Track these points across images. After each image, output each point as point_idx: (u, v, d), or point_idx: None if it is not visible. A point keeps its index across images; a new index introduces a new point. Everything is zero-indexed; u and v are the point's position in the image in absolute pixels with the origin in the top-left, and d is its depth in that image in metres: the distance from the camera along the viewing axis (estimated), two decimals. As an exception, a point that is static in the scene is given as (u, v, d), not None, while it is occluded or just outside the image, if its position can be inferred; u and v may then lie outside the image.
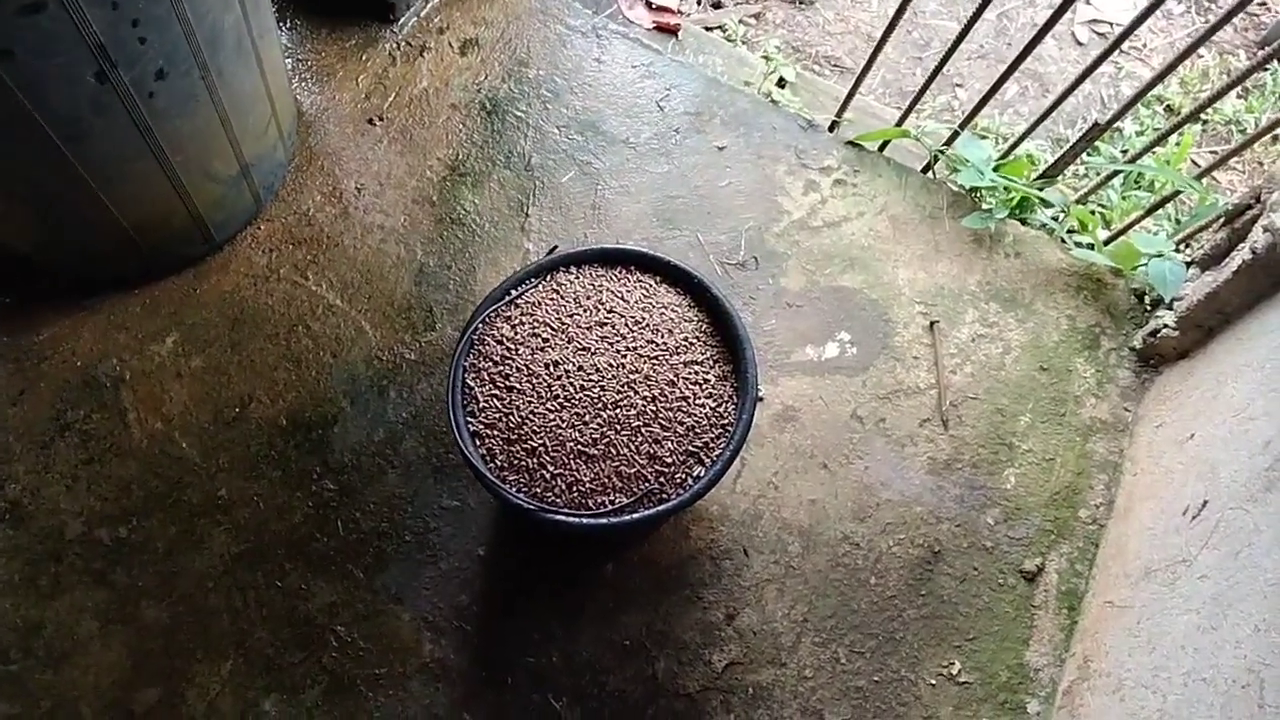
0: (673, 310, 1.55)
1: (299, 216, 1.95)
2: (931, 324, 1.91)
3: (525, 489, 1.41)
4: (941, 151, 2.08)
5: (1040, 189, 2.04)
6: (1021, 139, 2.01)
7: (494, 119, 2.10)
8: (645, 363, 1.48)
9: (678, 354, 1.50)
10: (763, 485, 1.76)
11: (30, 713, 1.52)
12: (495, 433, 1.44)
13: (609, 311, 1.53)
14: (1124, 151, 2.43)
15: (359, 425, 1.77)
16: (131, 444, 1.72)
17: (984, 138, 2.30)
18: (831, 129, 2.15)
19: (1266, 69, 2.72)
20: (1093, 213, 2.09)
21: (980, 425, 1.83)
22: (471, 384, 1.47)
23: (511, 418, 1.44)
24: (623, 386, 1.46)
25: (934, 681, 1.64)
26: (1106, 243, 2.01)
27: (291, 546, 1.67)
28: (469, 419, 1.45)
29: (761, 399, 1.82)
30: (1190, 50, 1.66)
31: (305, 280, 1.89)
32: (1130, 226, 1.99)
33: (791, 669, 1.63)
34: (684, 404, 1.47)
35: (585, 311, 1.53)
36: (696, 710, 1.59)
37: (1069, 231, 2.06)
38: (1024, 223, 2.06)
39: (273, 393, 1.78)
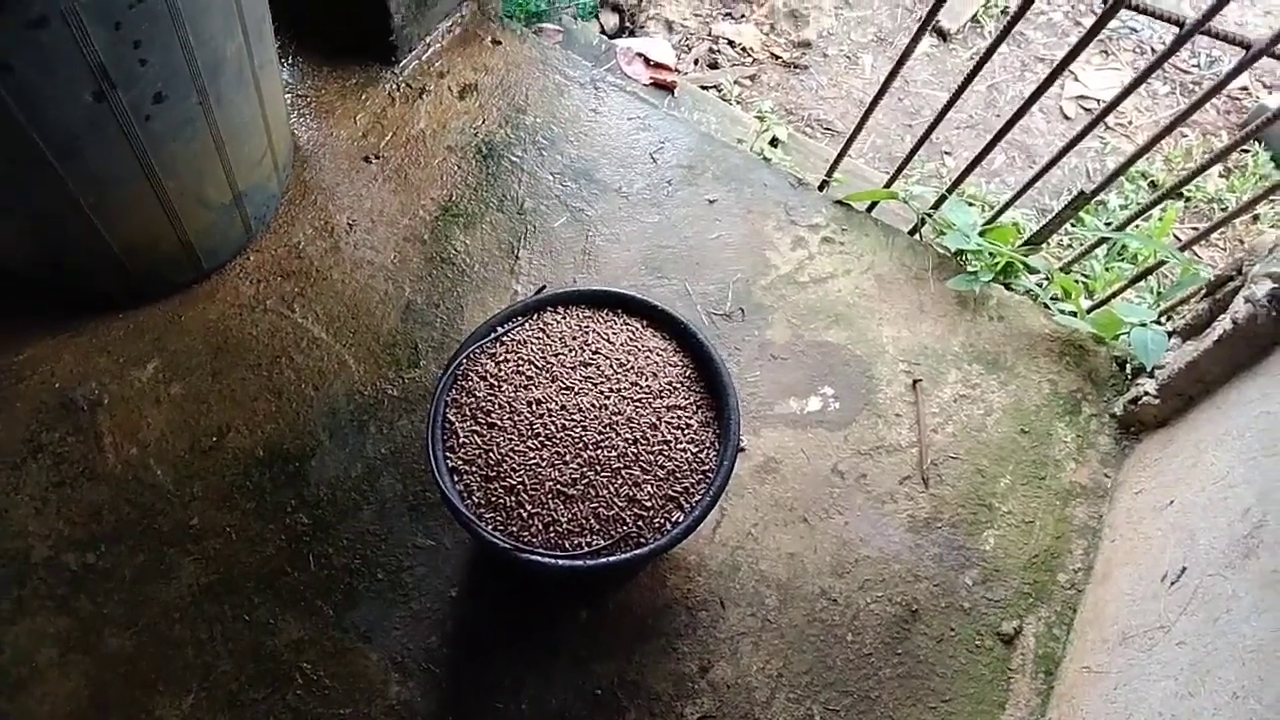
0: (658, 354, 1.55)
1: (289, 249, 1.95)
2: (914, 382, 1.92)
3: (502, 527, 1.39)
4: (929, 214, 2.11)
5: (1025, 255, 2.07)
6: (1008, 205, 2.04)
7: (489, 163, 2.12)
8: (628, 405, 1.48)
9: (661, 398, 1.50)
10: (741, 536, 1.75)
11: (-19, 740, 1.48)
12: (474, 469, 1.43)
13: (594, 353, 1.53)
14: (1108, 224, 2.47)
15: (337, 460, 1.75)
16: (105, 469, 1.70)
17: (971, 204, 2.34)
18: (821, 188, 2.18)
19: (1246, 149, 2.79)
20: (1076, 281, 2.12)
21: (961, 485, 1.83)
22: (452, 419, 1.46)
23: (491, 454, 1.43)
24: (605, 428, 1.46)
25: (908, 743, 1.61)
26: (1090, 310, 2.03)
27: (261, 580, 1.64)
28: (448, 454, 1.44)
29: (744, 449, 1.82)
30: (1174, 125, 1.69)
31: (291, 312, 1.88)
32: (1113, 296, 2.01)
33: (764, 725, 1.61)
34: (665, 448, 1.46)
35: (570, 352, 1.53)
36: (666, 764, 1.56)
37: (1052, 298, 2.08)
38: (1008, 287, 2.08)
39: (252, 423, 1.77)
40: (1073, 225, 2.40)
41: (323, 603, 1.63)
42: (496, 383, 1.49)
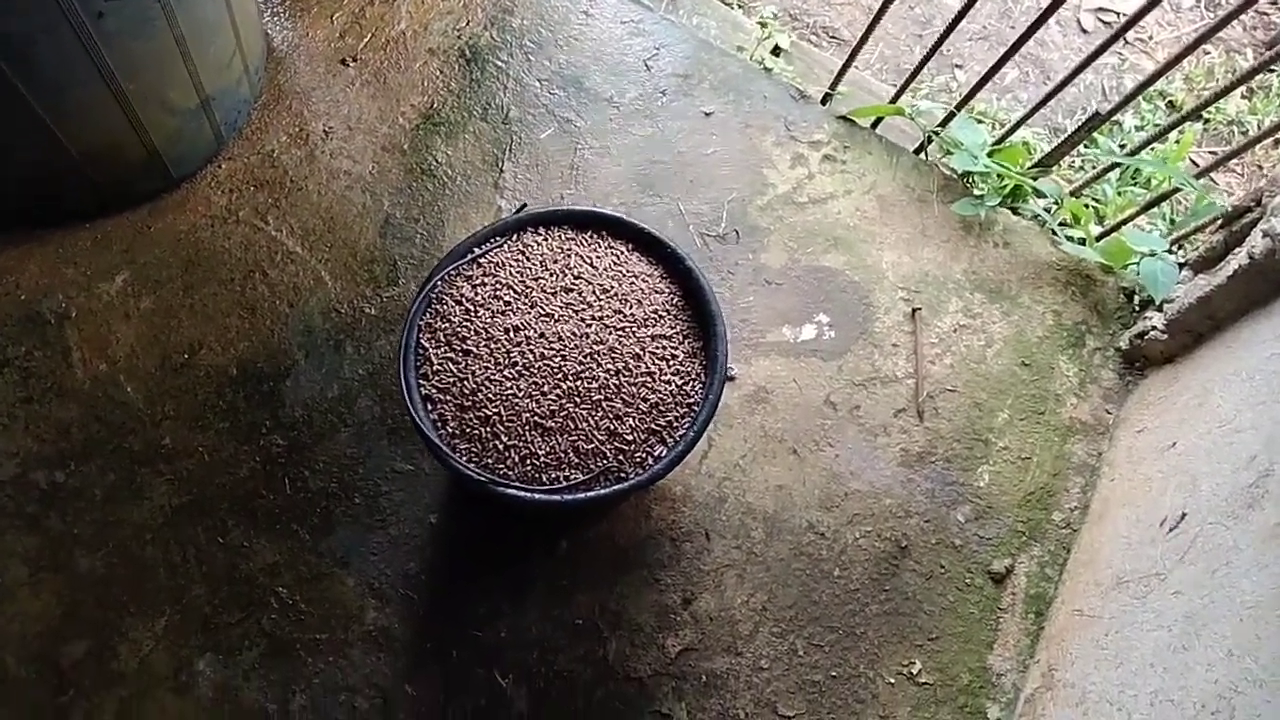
0: (644, 280, 1.47)
1: (262, 157, 1.86)
2: (913, 311, 1.85)
3: (477, 459, 1.34)
4: (936, 132, 2.01)
5: (1034, 178, 1.98)
6: (1019, 124, 1.94)
7: (473, 67, 2.01)
8: (611, 334, 1.41)
9: (646, 326, 1.43)
10: (729, 467, 1.70)
11: (-53, 661, 1.45)
12: (448, 398, 1.37)
13: (576, 277, 1.45)
14: (1122, 146, 2.37)
15: (312, 380, 1.69)
16: (73, 385, 1.64)
17: (980, 122, 2.24)
18: (824, 102, 2.07)
19: (1272, 69, 2.66)
20: (1086, 206, 2.03)
21: (956, 419, 1.77)
22: (426, 345, 1.40)
23: (466, 383, 1.37)
24: (585, 357, 1.39)
25: (893, 680, 1.59)
26: (1099, 238, 1.95)
27: (235, 502, 1.60)
28: (421, 382, 1.38)
29: (733, 378, 1.75)
30: (1196, 44, 1.59)
31: (265, 224, 1.80)
32: (1124, 223, 1.93)
33: (747, 658, 1.58)
34: (649, 379, 1.40)
35: (551, 276, 1.45)
36: (647, 695, 1.54)
37: (1061, 224, 2.00)
38: (1015, 212, 1.99)
39: (224, 340, 1.70)
40: (1085, 147, 2.29)
41: (298, 526, 1.59)
42: (473, 307, 1.42)
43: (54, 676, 1.46)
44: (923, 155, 2.04)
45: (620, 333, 1.41)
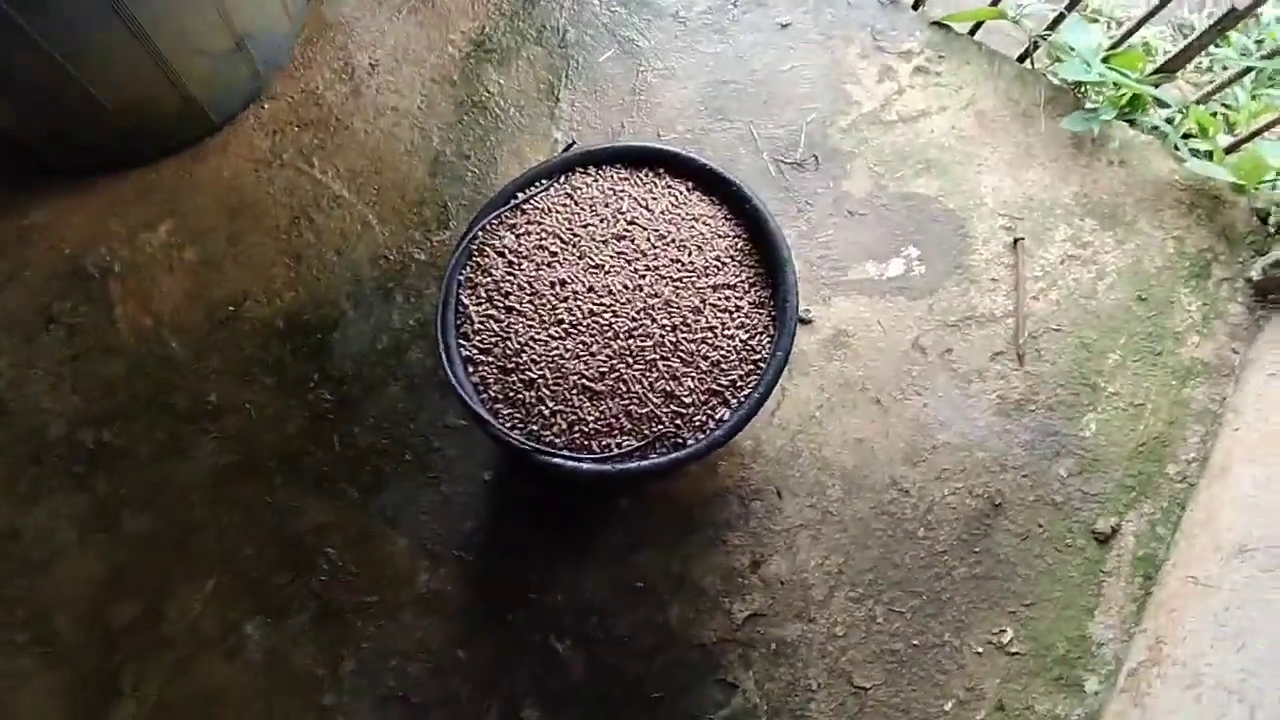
0: (704, 223, 1.33)
1: (306, 95, 1.76)
2: (1015, 241, 1.66)
3: (521, 426, 1.24)
4: (1043, 37, 1.78)
5: (1155, 85, 1.74)
6: (1140, 24, 1.70)
7: (527, -15, 1.86)
8: (667, 285, 1.28)
9: (706, 275, 1.30)
10: (804, 419, 1.56)
11: (4, 622, 1.44)
12: (490, 359, 1.26)
13: (629, 223, 1.32)
14: (1259, 43, 2.08)
15: (361, 331, 1.61)
16: (119, 341, 1.60)
17: (1094, 21, 1.98)
18: (915, 6, 1.86)
19: None
20: (1214, 115, 1.78)
21: (1061, 361, 1.60)
22: (466, 302, 1.29)
23: (509, 343, 1.26)
24: (639, 313, 1.26)
25: (981, 649, 1.46)
26: (1228, 151, 1.71)
27: (283, 460, 1.54)
28: (461, 342, 1.27)
29: (809, 321, 1.61)
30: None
31: (310, 167, 1.71)
32: (1259, 133, 1.68)
33: (821, 625, 1.47)
34: (710, 335, 1.27)
35: (602, 222, 1.32)
36: (711, 663, 1.45)
37: (1184, 137, 1.76)
38: (1132, 125, 1.76)
39: (270, 291, 1.63)
40: (1215, 46, 2.02)
41: (347, 485, 1.53)
42: (516, 259, 1.30)
43: (104, 639, 1.44)
44: (1028, 63, 1.82)
45: (678, 284, 1.28)
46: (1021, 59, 1.83)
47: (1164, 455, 1.55)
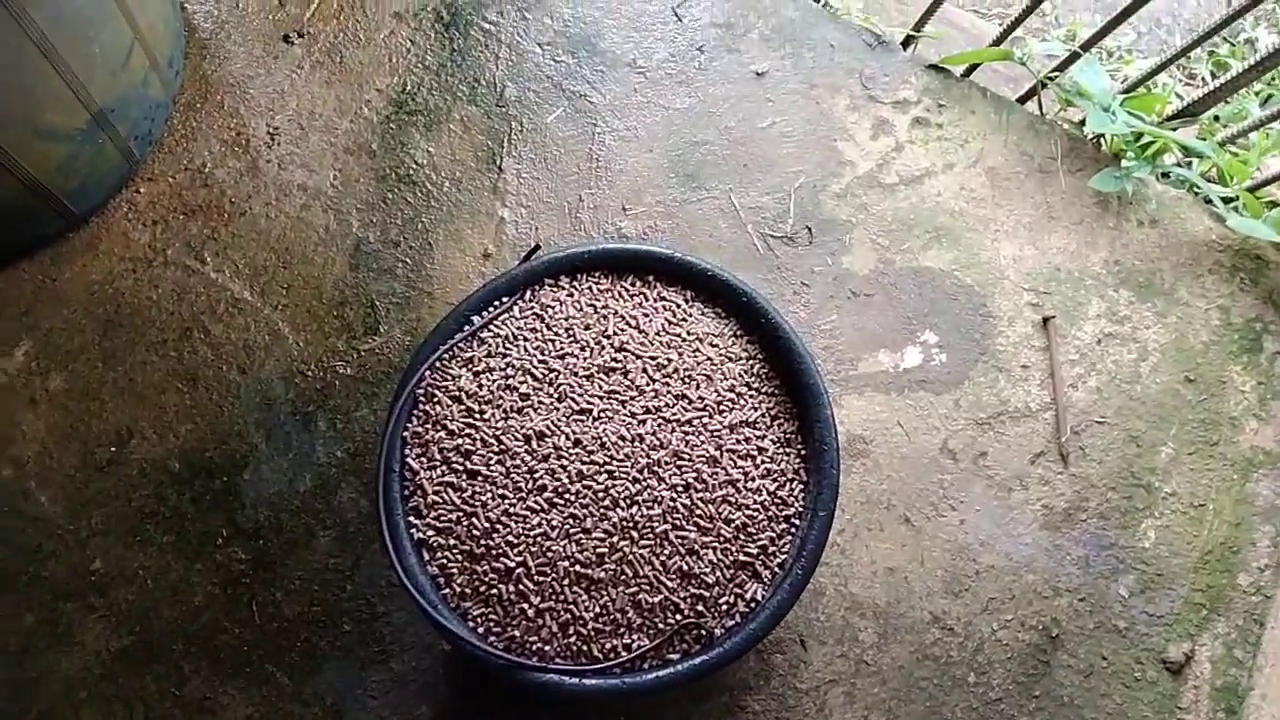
0: (710, 344, 1.07)
1: (191, 174, 1.44)
2: (1045, 320, 1.44)
3: (498, 630, 0.96)
4: (1050, 77, 1.57)
5: (1174, 129, 1.55)
6: (1164, 66, 1.50)
7: (454, 33, 1.57)
8: (674, 431, 1.01)
9: (720, 413, 1.03)
10: (825, 549, 1.31)
11: None
12: (452, 543, 0.98)
13: (618, 350, 1.05)
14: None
15: (277, 469, 1.31)
16: (-32, 501, 1.27)
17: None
18: (906, 45, 1.63)
19: None
20: (1242, 161, 1.60)
21: (1109, 460, 1.38)
22: (415, 466, 1.00)
23: (476, 520, 0.98)
24: (642, 471, 0.99)
25: (1053, 816, 1.23)
26: (1250, 191, 1.52)
27: (191, 640, 1.25)
28: (411, 520, 0.99)
29: (821, 429, 1.36)
30: None
31: (201, 264, 1.40)
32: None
33: (864, 803, 1.22)
34: (732, 490, 1.01)
35: (584, 350, 1.04)
36: None
37: (1208, 180, 1.57)
38: (1164, 178, 1.56)
39: (160, 424, 1.32)
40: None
41: (274, 668, 1.24)
42: (477, 406, 1.01)
43: None
44: (1032, 105, 1.60)
45: (687, 428, 1.01)
46: (1023, 100, 1.61)
47: (1233, 563, 1.35)
